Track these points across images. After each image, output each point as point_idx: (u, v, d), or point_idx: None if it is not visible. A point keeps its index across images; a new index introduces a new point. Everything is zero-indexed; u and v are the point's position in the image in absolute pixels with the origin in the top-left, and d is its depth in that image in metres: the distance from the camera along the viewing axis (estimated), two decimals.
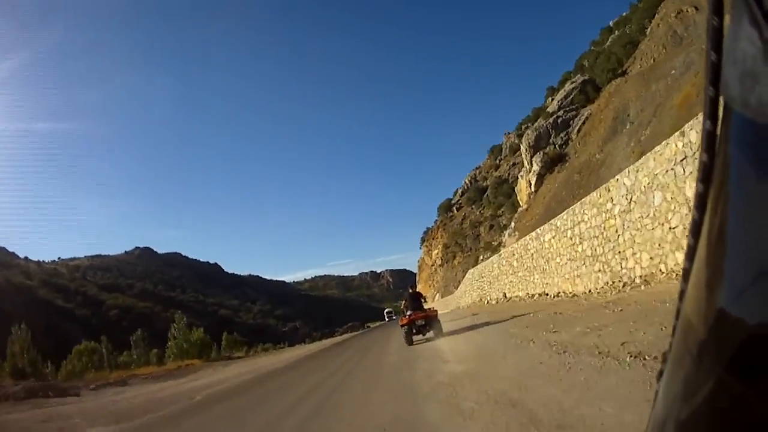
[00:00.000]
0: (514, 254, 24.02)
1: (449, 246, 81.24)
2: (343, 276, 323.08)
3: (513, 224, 51.82)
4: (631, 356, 5.54)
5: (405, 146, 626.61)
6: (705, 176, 0.55)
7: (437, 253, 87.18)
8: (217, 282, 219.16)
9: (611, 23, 69.82)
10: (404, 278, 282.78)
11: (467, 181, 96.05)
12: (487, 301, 28.96)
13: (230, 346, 53.73)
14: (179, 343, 42.79)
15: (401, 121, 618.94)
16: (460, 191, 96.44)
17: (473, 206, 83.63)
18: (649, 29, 49.78)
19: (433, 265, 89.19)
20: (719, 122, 0.54)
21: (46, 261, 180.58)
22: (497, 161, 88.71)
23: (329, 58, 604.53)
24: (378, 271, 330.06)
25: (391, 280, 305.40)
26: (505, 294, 25.51)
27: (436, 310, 17.06)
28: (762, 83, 0.45)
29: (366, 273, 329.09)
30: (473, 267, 48.06)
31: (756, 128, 0.46)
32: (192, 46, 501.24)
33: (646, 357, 5.30)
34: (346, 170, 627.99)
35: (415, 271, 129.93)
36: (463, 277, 65.12)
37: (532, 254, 20.99)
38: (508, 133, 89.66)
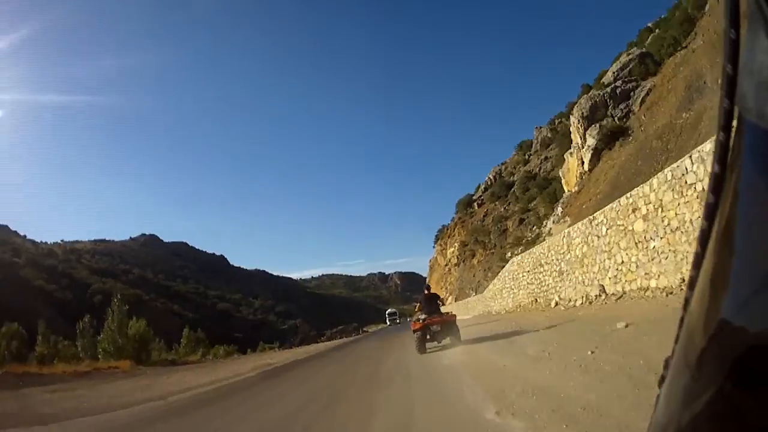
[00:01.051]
0: (634, 208, 12.35)
1: (467, 244, 69.87)
2: (351, 276, 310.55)
3: (560, 210, 40.37)
4: None
5: (420, 147, 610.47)
6: (716, 187, 0.54)
7: (453, 252, 75.76)
8: (221, 274, 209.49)
9: (650, 24, 61.02)
10: (413, 281, 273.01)
11: (491, 177, 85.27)
12: (556, 302, 17.39)
13: (191, 344, 42.47)
14: (114, 336, 31.60)
15: (418, 123, 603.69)
16: (482, 187, 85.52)
17: (497, 202, 72.62)
18: (707, 6, 42.64)
19: (447, 265, 77.73)
20: (732, 134, 0.52)
21: (49, 242, 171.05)
22: (526, 156, 78.60)
23: (349, 57, 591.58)
24: (386, 273, 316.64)
25: (399, 282, 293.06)
26: (603, 288, 13.93)
27: (454, 315, 15.43)
28: None
29: (374, 274, 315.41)
30: (502, 263, 37.57)
31: None
32: (214, 31, 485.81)
33: None
34: (359, 171, 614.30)
35: (425, 275, 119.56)
36: (484, 277, 54.50)
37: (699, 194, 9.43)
38: (540, 128, 79.65)
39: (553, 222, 38.93)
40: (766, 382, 0.45)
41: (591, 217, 15.51)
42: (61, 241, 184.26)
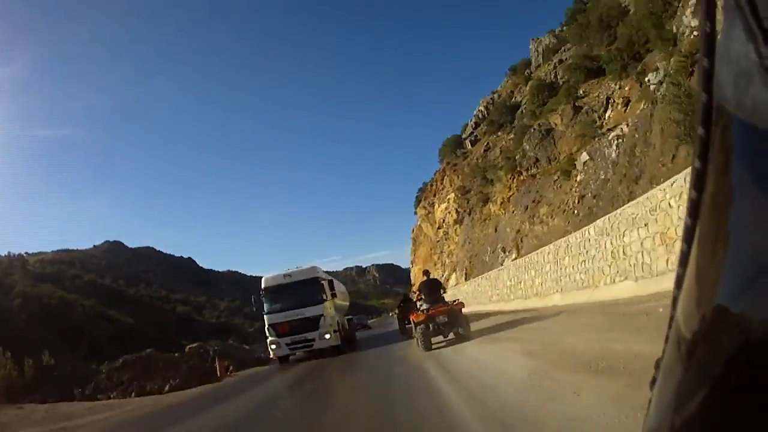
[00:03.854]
0: None
1: (469, 190, 42.12)
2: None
3: None
4: None
5: (390, 138, 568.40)
6: (698, 183, 0.50)
7: (446, 209, 47.91)
8: (189, 277, 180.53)
9: None
10: (391, 273, 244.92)
11: (482, 110, 58.01)
12: None
13: None
14: None
15: (387, 113, 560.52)
16: (472, 123, 58.12)
17: (500, 132, 46.57)
18: None
19: (440, 228, 49.89)
20: (712, 128, 0.49)
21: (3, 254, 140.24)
22: (527, 73, 53.21)
23: (316, 52, 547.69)
24: (363, 266, 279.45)
25: (377, 275, 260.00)
26: None
27: (462, 303, 12.12)
28: (755, 84, 0.41)
29: (351, 268, 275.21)
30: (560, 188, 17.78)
31: (750, 130, 0.43)
32: (175, 39, 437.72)
33: None
34: (331, 168, 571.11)
35: (404, 266, 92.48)
36: (529, 218, 24.40)
37: None
38: (537, 39, 55.22)
39: None
40: (757, 380, 0.42)
41: None
42: (25, 253, 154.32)
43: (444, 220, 47.64)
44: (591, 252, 13.26)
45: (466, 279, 33.38)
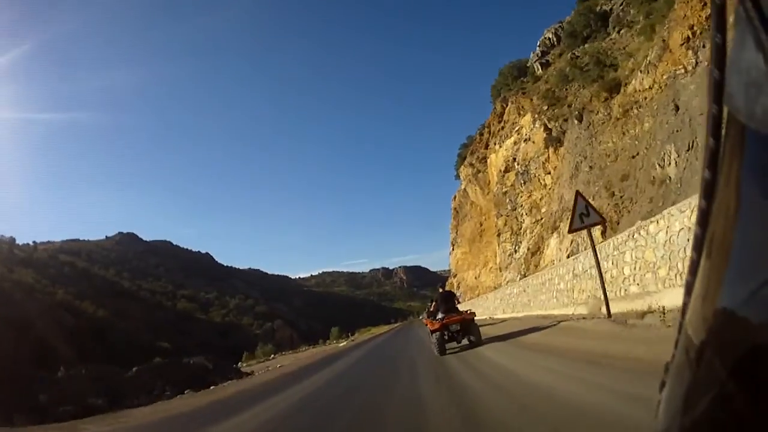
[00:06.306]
0: None
1: (562, 96, 26.99)
2: (353, 272, 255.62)
3: None
4: None
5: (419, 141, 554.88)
6: (708, 192, 0.50)
7: (517, 141, 32.50)
8: (203, 273, 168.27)
9: None
10: (419, 275, 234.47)
11: (549, 36, 43.07)
12: None
13: None
14: None
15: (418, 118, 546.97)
16: (538, 52, 42.78)
17: (588, 41, 32.70)
18: None
19: (507, 172, 34.18)
20: (722, 138, 0.49)
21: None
22: None
23: (352, 52, 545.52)
24: (390, 268, 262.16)
25: (404, 277, 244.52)
26: None
27: (474, 313, 12.44)
28: (766, 94, 0.41)
29: (377, 270, 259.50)
30: None
31: (760, 140, 0.43)
32: (198, 33, 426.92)
33: None
34: (363, 172, 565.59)
35: (433, 269, 78.38)
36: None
37: None
38: None
39: None
40: (766, 386, 0.42)
41: None
42: (33, 242, 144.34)
43: (515, 159, 31.82)
44: None
45: (603, 235, 16.82)
